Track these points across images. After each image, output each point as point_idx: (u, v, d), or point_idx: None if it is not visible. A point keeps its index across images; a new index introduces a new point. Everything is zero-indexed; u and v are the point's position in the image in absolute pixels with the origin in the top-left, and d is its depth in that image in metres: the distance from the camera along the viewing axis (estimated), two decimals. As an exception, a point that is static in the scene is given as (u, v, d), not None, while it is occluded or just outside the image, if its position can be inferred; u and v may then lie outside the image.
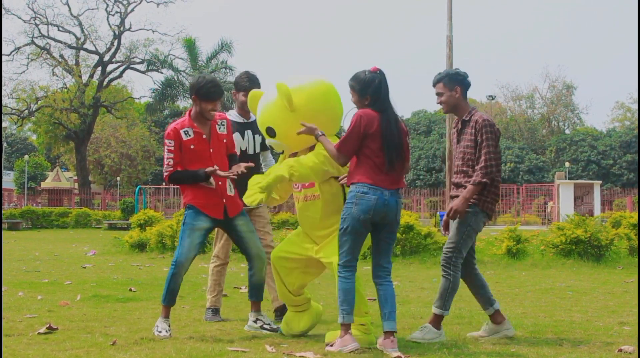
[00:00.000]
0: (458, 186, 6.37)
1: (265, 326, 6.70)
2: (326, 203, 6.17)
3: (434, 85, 6.49)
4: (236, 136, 7.22)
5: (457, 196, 6.29)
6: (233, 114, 7.50)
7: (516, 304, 8.73)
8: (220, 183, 6.52)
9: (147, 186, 54.87)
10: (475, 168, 6.20)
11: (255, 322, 6.74)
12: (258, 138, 7.45)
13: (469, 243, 6.35)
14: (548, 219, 44.48)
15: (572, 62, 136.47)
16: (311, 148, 6.12)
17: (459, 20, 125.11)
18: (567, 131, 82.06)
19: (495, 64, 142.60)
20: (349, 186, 5.89)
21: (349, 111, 6.11)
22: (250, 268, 6.75)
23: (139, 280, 11.31)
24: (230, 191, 6.62)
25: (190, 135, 6.49)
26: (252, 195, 6.00)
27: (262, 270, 6.72)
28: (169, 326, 6.43)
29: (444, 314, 6.30)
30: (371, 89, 5.89)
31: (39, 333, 6.30)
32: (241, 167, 6.44)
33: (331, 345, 5.73)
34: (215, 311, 7.50)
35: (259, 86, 7.28)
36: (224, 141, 6.68)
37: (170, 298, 6.59)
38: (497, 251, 15.32)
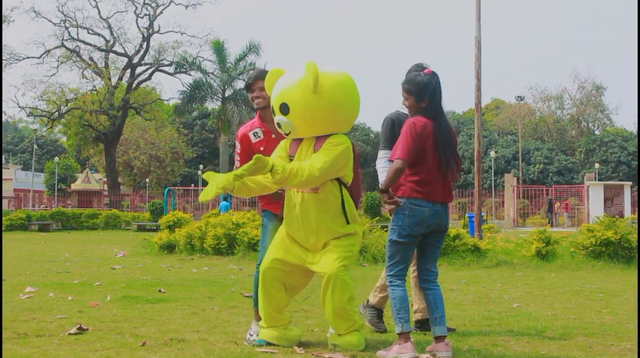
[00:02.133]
0: None
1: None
2: (323, 202, 5.85)
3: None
4: None
5: None
6: None
7: (546, 306, 8.67)
8: None
9: (176, 187, 55.10)
10: None
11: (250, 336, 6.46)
12: None
13: None
14: (552, 220, 44.19)
15: (602, 62, 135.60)
16: (319, 139, 5.90)
17: (488, 21, 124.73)
18: (596, 132, 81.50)
19: (524, 64, 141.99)
20: (399, 197, 5.70)
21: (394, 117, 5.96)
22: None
23: (168, 281, 11.35)
24: None
25: (259, 136, 6.40)
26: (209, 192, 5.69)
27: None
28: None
29: None
30: (429, 92, 5.71)
31: (69, 333, 6.33)
32: None
33: (385, 350, 5.64)
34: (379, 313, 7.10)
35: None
36: None
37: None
38: (527, 253, 15.22)
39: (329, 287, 5.72)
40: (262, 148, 6.32)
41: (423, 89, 5.72)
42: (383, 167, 6.57)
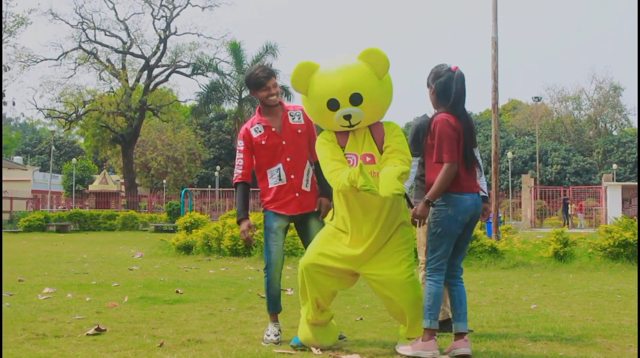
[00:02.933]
0: None
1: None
2: None
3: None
4: None
5: None
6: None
7: (564, 307, 8.64)
8: (292, 176, 6.33)
9: (193, 188, 55.18)
10: None
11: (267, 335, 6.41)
12: None
13: None
14: (569, 221, 43.97)
15: (620, 62, 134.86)
16: (374, 128, 5.84)
17: (505, 21, 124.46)
18: (614, 133, 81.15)
19: (541, 65, 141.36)
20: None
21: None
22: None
23: (186, 282, 11.38)
24: (307, 186, 6.41)
25: (260, 131, 6.36)
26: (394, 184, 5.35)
27: None
28: (279, 330, 6.36)
29: None
30: (453, 88, 5.69)
31: (87, 334, 6.36)
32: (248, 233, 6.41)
33: (408, 345, 5.65)
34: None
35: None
36: (299, 131, 6.39)
37: (273, 305, 6.48)
38: (544, 254, 15.17)
39: (408, 293, 5.69)
40: (263, 142, 6.32)
41: (431, 76, 5.82)
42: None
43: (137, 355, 5.57)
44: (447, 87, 5.70)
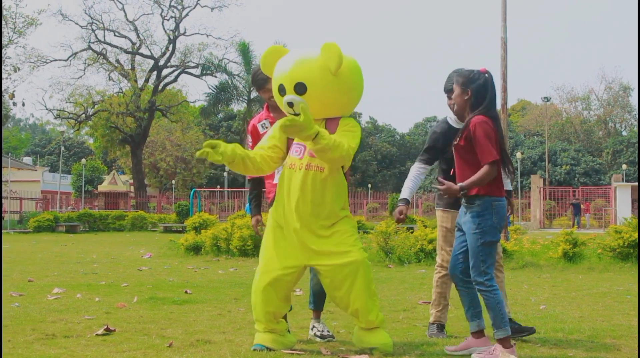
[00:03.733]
0: None
1: (317, 333, 6.41)
2: (332, 184, 5.71)
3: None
4: None
5: None
6: None
7: (573, 308, 8.62)
8: None
9: (202, 189, 55.29)
10: None
11: (311, 329, 6.51)
12: None
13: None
14: (578, 223, 43.86)
15: (629, 63, 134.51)
16: (329, 122, 5.83)
17: (514, 21, 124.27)
18: (624, 133, 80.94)
19: (551, 65, 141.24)
20: (468, 197, 5.62)
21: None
22: (314, 277, 6.44)
23: (195, 283, 11.39)
24: None
25: (266, 127, 6.34)
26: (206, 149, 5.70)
27: None
28: (324, 327, 6.47)
29: None
30: (474, 84, 5.68)
31: (96, 334, 6.37)
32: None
33: (483, 353, 5.60)
34: (441, 327, 6.70)
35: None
36: None
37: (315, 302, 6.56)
38: (553, 255, 15.13)
39: (359, 274, 5.64)
40: None
41: (470, 81, 5.70)
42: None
43: (146, 355, 5.57)
44: (484, 90, 5.68)
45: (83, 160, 64.66)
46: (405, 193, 6.37)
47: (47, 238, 29.36)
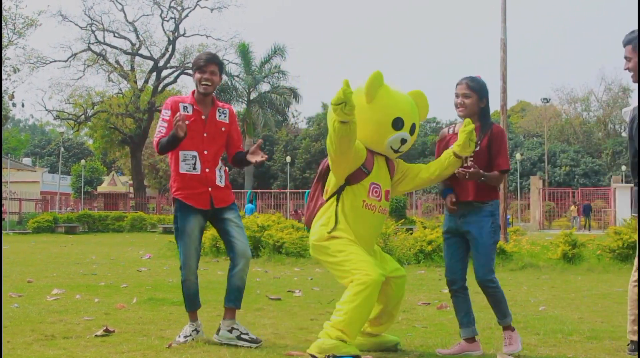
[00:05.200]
0: None
1: (243, 336, 6.10)
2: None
3: (623, 46, 5.59)
4: None
5: None
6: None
7: (572, 309, 8.63)
8: (207, 170, 6.17)
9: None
10: None
11: (230, 331, 6.16)
12: None
13: None
14: (586, 223, 43.85)
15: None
16: (388, 160, 5.95)
17: (513, 23, 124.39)
18: (623, 134, 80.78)
19: (550, 66, 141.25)
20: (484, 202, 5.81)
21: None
22: (232, 268, 6.25)
23: (194, 284, 11.37)
24: (220, 181, 6.26)
25: (188, 111, 6.14)
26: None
27: (245, 270, 6.25)
28: (195, 330, 6.25)
29: None
30: (487, 93, 5.95)
31: (96, 335, 6.37)
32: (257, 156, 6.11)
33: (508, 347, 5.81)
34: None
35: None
36: (223, 129, 6.29)
37: (189, 304, 6.44)
38: (553, 256, 15.14)
39: (403, 288, 5.98)
40: (187, 122, 5.98)
41: (484, 88, 5.89)
42: None
43: (145, 356, 5.58)
44: (483, 89, 5.91)
45: (82, 161, 64.62)
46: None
47: (47, 239, 29.37)
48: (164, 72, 56.06)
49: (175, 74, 56.39)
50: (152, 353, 5.67)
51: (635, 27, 5.43)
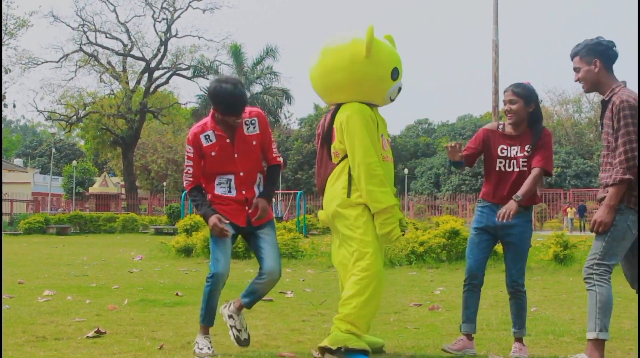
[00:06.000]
0: (605, 186, 5.36)
1: (234, 330, 5.99)
2: None
3: (571, 59, 5.52)
4: None
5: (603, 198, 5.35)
6: None
7: (564, 310, 8.64)
8: (244, 191, 5.88)
9: (193, 191, 55.00)
10: (614, 162, 5.21)
11: (230, 317, 6.07)
12: None
13: (618, 246, 5.40)
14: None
15: (620, 65, 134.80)
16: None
17: (505, 24, 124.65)
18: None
19: (542, 68, 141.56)
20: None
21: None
22: (258, 277, 5.99)
23: (186, 285, 11.37)
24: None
25: (211, 140, 5.79)
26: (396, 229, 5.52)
27: (268, 286, 6.00)
28: (210, 343, 5.87)
29: (599, 337, 5.32)
30: (535, 97, 5.97)
31: (87, 337, 6.35)
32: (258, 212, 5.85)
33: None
34: None
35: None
36: (254, 142, 5.87)
37: (210, 318, 5.98)
38: (544, 257, 15.17)
39: None
40: (213, 153, 5.80)
41: (532, 94, 5.92)
42: None
43: (136, 357, 5.56)
44: (531, 94, 5.93)
45: (74, 162, 64.57)
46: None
47: (38, 240, 29.28)
48: (156, 73, 56.12)
49: (167, 75, 56.42)
50: (143, 354, 5.66)
51: (582, 40, 5.48)
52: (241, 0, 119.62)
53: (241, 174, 5.86)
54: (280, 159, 6.13)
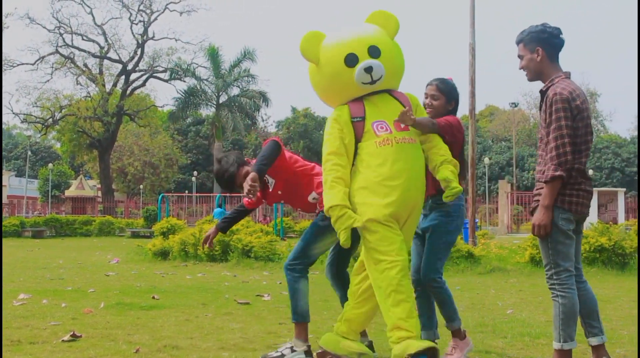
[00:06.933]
0: (538, 181, 5.36)
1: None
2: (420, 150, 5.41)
3: (517, 45, 5.45)
4: None
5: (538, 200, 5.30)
6: None
7: (540, 312, 8.68)
8: (299, 209, 6.37)
9: (170, 194, 55.01)
10: (546, 158, 5.14)
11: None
12: None
13: (564, 251, 5.15)
14: None
15: (595, 69, 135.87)
16: (398, 94, 5.49)
17: (482, 27, 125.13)
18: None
19: (519, 71, 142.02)
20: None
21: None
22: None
23: (162, 288, 11.34)
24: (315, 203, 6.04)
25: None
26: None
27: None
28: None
29: (564, 348, 5.10)
30: (456, 95, 5.91)
31: (63, 340, 6.32)
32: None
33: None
34: None
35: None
36: (279, 193, 6.08)
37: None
38: (520, 259, 15.25)
39: None
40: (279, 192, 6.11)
41: (455, 91, 5.91)
42: None
43: (112, 361, 5.55)
44: (452, 91, 5.94)
45: (50, 165, 64.13)
46: None
47: (13, 244, 29.11)
48: (133, 76, 55.96)
49: (144, 77, 56.30)
50: (119, 358, 5.64)
51: (528, 27, 5.41)
52: (218, 2, 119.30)
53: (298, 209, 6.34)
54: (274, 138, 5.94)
